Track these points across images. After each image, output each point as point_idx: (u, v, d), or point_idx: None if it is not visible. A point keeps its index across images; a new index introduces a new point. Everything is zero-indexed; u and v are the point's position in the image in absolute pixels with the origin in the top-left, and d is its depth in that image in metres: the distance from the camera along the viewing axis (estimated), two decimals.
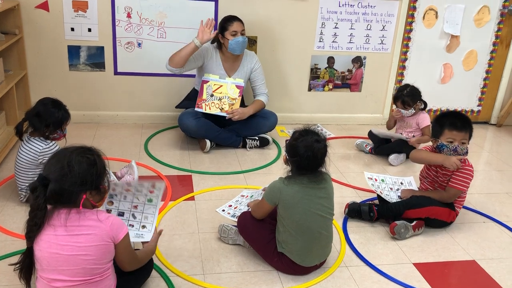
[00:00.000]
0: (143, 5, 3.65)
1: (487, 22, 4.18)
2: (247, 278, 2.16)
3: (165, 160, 3.30)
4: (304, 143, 2.07)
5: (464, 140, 2.56)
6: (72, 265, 1.61)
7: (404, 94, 3.44)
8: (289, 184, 2.12)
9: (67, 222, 1.61)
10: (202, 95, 3.43)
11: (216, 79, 3.46)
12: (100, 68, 3.78)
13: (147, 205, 2.04)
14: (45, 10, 3.56)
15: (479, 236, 2.65)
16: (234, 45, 3.38)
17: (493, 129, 4.52)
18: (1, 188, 2.78)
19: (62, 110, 2.55)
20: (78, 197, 1.64)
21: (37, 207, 1.60)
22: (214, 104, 3.42)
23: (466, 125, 2.56)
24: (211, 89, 3.44)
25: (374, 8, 3.97)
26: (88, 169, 1.64)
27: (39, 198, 1.59)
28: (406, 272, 2.29)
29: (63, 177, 1.60)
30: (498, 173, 3.52)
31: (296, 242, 2.13)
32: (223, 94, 3.45)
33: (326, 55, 4.06)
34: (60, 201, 1.62)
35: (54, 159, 1.66)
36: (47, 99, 2.57)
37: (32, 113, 2.50)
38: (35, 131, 2.53)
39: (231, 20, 3.41)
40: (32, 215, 1.61)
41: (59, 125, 2.55)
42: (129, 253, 1.77)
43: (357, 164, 3.48)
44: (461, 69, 4.31)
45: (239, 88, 3.47)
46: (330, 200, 2.20)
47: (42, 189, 1.58)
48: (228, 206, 2.75)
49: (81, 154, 1.65)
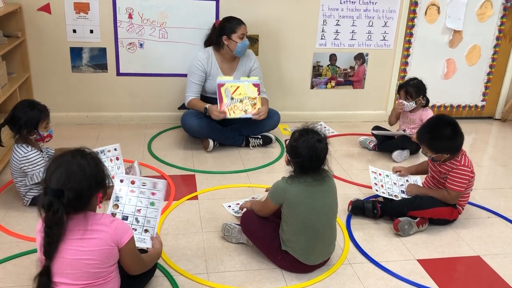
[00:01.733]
0: (144, 6, 3.66)
1: (490, 16, 4.16)
2: (250, 277, 2.17)
3: (169, 160, 3.31)
4: (305, 144, 2.06)
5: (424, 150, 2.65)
6: (75, 268, 1.61)
7: (410, 84, 3.43)
8: (292, 183, 2.12)
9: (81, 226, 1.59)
10: (222, 99, 3.34)
11: (232, 81, 3.40)
12: (102, 69, 3.80)
13: (150, 209, 2.05)
14: (47, 12, 3.58)
15: (484, 231, 2.64)
16: (241, 48, 3.39)
17: (497, 124, 4.49)
18: (6, 190, 2.80)
19: (35, 109, 2.45)
20: (93, 197, 1.63)
21: (55, 222, 1.53)
22: (237, 107, 3.36)
23: (420, 138, 2.63)
24: (229, 92, 3.36)
25: (376, 4, 3.95)
26: (98, 168, 1.63)
27: (59, 212, 1.52)
28: (410, 268, 2.29)
29: (79, 183, 1.56)
30: (503, 168, 3.50)
31: (300, 240, 2.13)
32: (243, 95, 3.39)
33: (328, 52, 4.05)
34: (78, 206, 1.59)
35: (58, 168, 1.57)
36: (24, 101, 2.53)
37: (8, 116, 2.45)
38: (18, 137, 2.49)
39: (240, 23, 3.39)
40: (49, 232, 1.54)
41: (34, 125, 2.45)
42: (134, 257, 1.76)
43: (361, 161, 3.47)
44: (464, 64, 4.29)
45: (256, 86, 3.43)
46: (334, 198, 2.20)
47: (58, 202, 1.52)
48: (236, 204, 2.76)
49: (84, 155, 1.64)
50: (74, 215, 1.61)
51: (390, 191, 2.71)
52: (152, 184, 2.07)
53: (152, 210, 2.04)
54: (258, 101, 3.42)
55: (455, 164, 2.55)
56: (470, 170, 2.56)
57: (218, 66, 3.50)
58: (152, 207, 2.04)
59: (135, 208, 2.05)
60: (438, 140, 2.52)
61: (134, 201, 2.05)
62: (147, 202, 2.05)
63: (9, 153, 3.08)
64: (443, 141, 2.52)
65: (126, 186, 2.08)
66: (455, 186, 2.54)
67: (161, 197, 2.08)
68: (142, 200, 2.05)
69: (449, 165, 2.57)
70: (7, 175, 2.93)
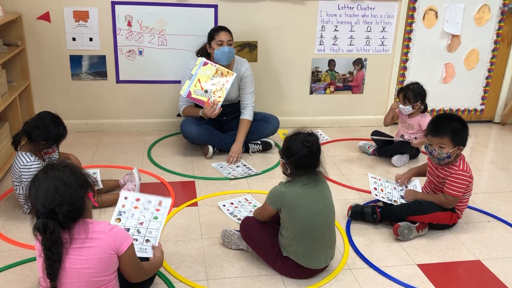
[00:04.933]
0: (143, 13, 3.68)
1: (487, 20, 4.17)
2: (250, 283, 2.16)
3: (168, 166, 3.31)
4: (297, 140, 2.10)
5: (441, 145, 2.51)
6: (75, 278, 1.60)
7: (410, 89, 3.43)
8: (290, 187, 2.13)
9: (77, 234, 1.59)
10: (201, 101, 3.31)
11: (190, 82, 3.32)
12: (102, 77, 3.81)
13: (152, 222, 2.06)
14: (46, 21, 3.60)
15: (484, 235, 2.64)
16: (220, 55, 3.35)
17: (497, 127, 4.49)
18: (6, 198, 2.81)
19: (62, 126, 2.57)
20: (85, 200, 1.63)
21: (54, 242, 1.52)
22: (215, 91, 3.30)
23: (442, 131, 2.52)
24: (199, 90, 3.31)
25: (374, 9, 3.97)
26: (74, 173, 1.62)
27: (55, 232, 1.52)
28: (410, 273, 2.28)
29: (65, 195, 1.56)
30: (503, 172, 3.50)
31: (301, 244, 2.13)
32: (208, 80, 3.31)
33: (327, 58, 4.06)
34: (75, 217, 1.59)
35: (38, 190, 1.56)
36: (47, 113, 2.58)
37: (33, 126, 2.50)
38: (29, 144, 2.52)
39: (218, 30, 3.39)
40: (49, 253, 1.53)
41: (57, 141, 2.56)
42: (134, 264, 1.75)
43: (360, 166, 3.47)
44: (463, 69, 4.30)
45: (205, 64, 3.34)
46: (331, 200, 2.21)
47: (52, 222, 1.53)
48: (230, 203, 2.78)
49: (54, 168, 1.62)
50: (74, 224, 1.61)
51: (389, 196, 2.71)
52: (158, 202, 2.09)
53: (154, 222, 2.05)
54: (221, 69, 3.33)
55: (453, 169, 2.55)
56: (469, 175, 2.56)
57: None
58: (155, 220, 2.06)
59: (137, 221, 2.06)
60: (461, 132, 2.52)
61: (137, 216, 2.07)
62: (150, 216, 2.06)
63: (9, 161, 3.10)
64: (464, 132, 2.52)
65: (130, 203, 2.10)
66: (452, 191, 2.54)
67: (165, 213, 2.10)
68: (146, 215, 2.07)
69: (447, 169, 2.57)
70: (7, 183, 2.94)
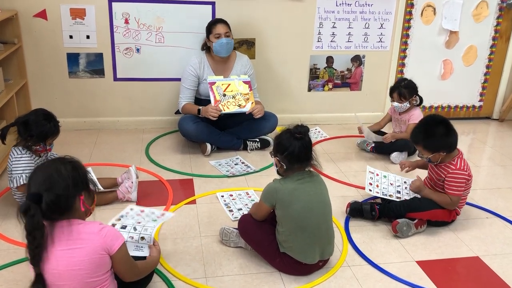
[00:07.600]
0: (140, 11, 3.66)
1: (486, 16, 4.16)
2: (249, 280, 2.16)
3: (166, 164, 3.30)
4: (288, 134, 2.13)
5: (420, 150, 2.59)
6: (68, 279, 1.59)
7: (402, 86, 3.43)
8: (284, 183, 2.14)
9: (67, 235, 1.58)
10: (215, 97, 3.37)
11: (222, 79, 3.44)
12: (99, 75, 3.80)
13: (150, 222, 2.07)
14: (43, 18, 3.58)
15: (483, 232, 2.64)
16: (218, 47, 3.39)
17: (495, 124, 4.49)
18: (3, 197, 2.80)
19: (51, 124, 2.50)
20: (75, 200, 1.62)
21: (34, 227, 1.51)
22: (230, 102, 3.38)
23: (415, 139, 2.58)
24: (221, 89, 3.39)
25: (372, 6, 3.96)
26: (75, 170, 1.63)
27: (36, 216, 1.51)
28: (409, 270, 2.28)
29: (55, 184, 1.56)
30: (501, 168, 3.50)
31: (297, 239, 2.13)
32: (235, 92, 3.41)
33: (325, 54, 4.05)
34: (58, 211, 1.58)
35: (37, 174, 1.60)
36: (42, 110, 2.55)
37: (21, 120, 2.47)
38: (21, 139, 2.51)
39: (215, 23, 3.43)
40: (30, 238, 1.52)
41: (43, 138, 2.49)
42: (127, 263, 1.74)
43: (359, 163, 3.46)
44: (461, 65, 4.30)
45: (247, 83, 3.46)
46: (327, 194, 2.22)
47: (35, 207, 1.51)
48: (229, 195, 2.80)
49: (63, 160, 1.65)
50: (58, 222, 1.59)
51: (385, 191, 2.70)
52: (161, 214, 2.12)
53: (151, 223, 2.06)
54: (250, 96, 3.43)
55: (450, 168, 2.54)
56: (467, 173, 2.55)
57: (211, 69, 3.51)
58: (153, 221, 2.07)
59: (136, 221, 2.07)
60: (432, 139, 2.52)
61: (137, 218, 2.10)
62: (149, 219, 2.08)
63: (5, 160, 3.08)
64: (437, 139, 2.51)
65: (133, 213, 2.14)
66: (453, 191, 2.53)
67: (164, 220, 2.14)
68: (145, 218, 2.09)
69: (445, 168, 2.57)
70: (3, 182, 2.93)
